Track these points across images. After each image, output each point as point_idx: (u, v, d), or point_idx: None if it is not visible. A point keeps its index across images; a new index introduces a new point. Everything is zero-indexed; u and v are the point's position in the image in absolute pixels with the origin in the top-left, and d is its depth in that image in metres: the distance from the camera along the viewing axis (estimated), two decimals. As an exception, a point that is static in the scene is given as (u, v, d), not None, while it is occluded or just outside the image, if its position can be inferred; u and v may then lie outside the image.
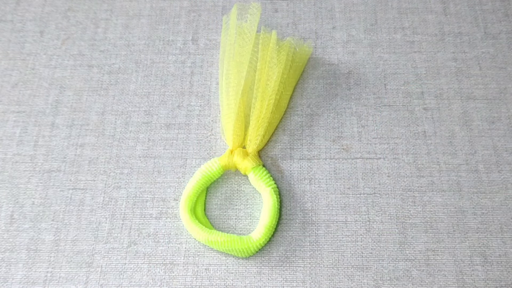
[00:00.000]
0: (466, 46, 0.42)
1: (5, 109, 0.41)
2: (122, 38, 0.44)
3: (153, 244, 0.35)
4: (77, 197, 0.37)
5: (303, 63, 0.41)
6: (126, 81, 0.42)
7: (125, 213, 0.36)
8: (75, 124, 0.40)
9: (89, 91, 0.41)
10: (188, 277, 0.34)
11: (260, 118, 0.37)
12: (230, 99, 0.38)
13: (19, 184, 0.38)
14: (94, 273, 0.34)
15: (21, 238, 0.36)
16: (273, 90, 0.38)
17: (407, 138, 0.39)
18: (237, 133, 0.37)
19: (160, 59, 0.43)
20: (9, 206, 0.37)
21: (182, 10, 0.45)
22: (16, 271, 0.35)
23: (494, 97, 0.40)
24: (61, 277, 0.34)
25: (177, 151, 0.39)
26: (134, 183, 0.37)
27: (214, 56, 0.43)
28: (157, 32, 0.44)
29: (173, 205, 0.37)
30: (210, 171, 0.36)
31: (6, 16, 0.45)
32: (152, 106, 0.40)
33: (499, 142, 0.38)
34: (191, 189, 0.36)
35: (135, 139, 0.39)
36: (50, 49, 0.43)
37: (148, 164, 0.38)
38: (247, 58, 0.38)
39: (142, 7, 0.45)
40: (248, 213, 0.36)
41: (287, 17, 0.44)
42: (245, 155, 0.36)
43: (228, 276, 0.34)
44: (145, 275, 0.34)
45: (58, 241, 0.35)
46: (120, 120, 0.40)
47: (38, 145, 0.39)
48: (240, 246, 0.34)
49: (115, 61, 0.43)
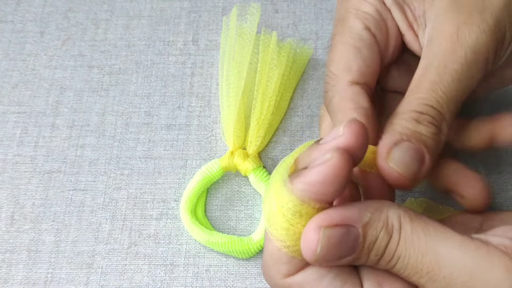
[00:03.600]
0: (466, 47, 0.42)
1: (5, 109, 0.41)
2: (122, 38, 0.44)
3: (153, 245, 0.35)
4: (78, 198, 0.37)
5: (304, 64, 0.41)
6: (127, 82, 0.42)
7: (126, 214, 0.36)
8: (75, 125, 0.40)
9: (89, 92, 0.41)
10: (189, 278, 0.34)
11: (261, 119, 0.37)
12: (230, 100, 0.38)
13: (20, 185, 0.38)
14: (94, 274, 0.34)
15: (21, 239, 0.36)
16: (274, 91, 0.38)
17: (407, 139, 0.39)
18: (238, 134, 0.37)
19: (160, 60, 0.43)
20: (10, 207, 0.37)
21: (182, 11, 0.45)
22: (17, 272, 0.35)
23: (494, 98, 0.40)
24: (61, 278, 0.34)
25: (178, 152, 0.39)
26: (134, 184, 0.37)
27: (215, 57, 0.43)
28: (158, 33, 0.44)
29: (173, 206, 0.37)
30: (210, 172, 0.36)
31: (6, 17, 0.45)
32: (152, 107, 0.40)
33: (499, 143, 0.38)
34: (192, 190, 0.36)
35: (136, 140, 0.39)
36: (50, 49, 0.43)
37: (148, 165, 0.38)
38: (247, 59, 0.38)
39: (143, 8, 0.45)
40: (249, 214, 0.36)
41: (288, 18, 0.44)
42: (245, 156, 0.36)
43: (229, 277, 0.34)
44: (145, 276, 0.34)
45: (59, 242, 0.35)
46: (120, 121, 0.40)
47: (39, 146, 0.39)
48: (240, 247, 0.34)
49: (116, 62, 0.43)
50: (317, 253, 0.21)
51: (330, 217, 0.22)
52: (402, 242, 0.22)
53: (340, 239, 0.21)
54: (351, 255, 0.22)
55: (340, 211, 0.22)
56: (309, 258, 0.22)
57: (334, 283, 0.23)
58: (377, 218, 0.22)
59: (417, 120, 0.26)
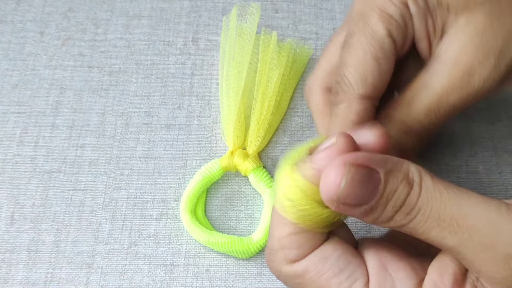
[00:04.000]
0: (466, 47, 0.42)
1: (5, 109, 0.41)
2: (122, 38, 0.44)
3: (153, 245, 0.35)
4: (78, 198, 0.37)
5: (304, 64, 0.41)
6: (127, 82, 0.42)
7: (126, 214, 0.36)
8: (75, 125, 0.40)
9: (89, 92, 0.41)
10: (189, 278, 0.34)
11: (261, 119, 0.37)
12: (230, 100, 0.38)
13: (20, 185, 0.38)
14: (94, 274, 0.34)
15: (21, 239, 0.36)
16: (274, 91, 0.38)
17: (407, 139, 0.39)
18: (238, 134, 0.37)
19: (160, 60, 0.43)
20: (10, 207, 0.37)
21: (182, 11, 0.45)
22: (17, 272, 0.35)
23: (494, 98, 0.40)
24: (61, 278, 0.34)
25: (178, 152, 0.39)
26: (134, 184, 0.37)
27: (215, 57, 0.43)
28: (158, 32, 0.44)
29: (173, 206, 0.37)
30: (210, 172, 0.36)
31: (6, 17, 0.45)
32: (152, 107, 0.40)
33: (499, 144, 0.38)
34: (192, 190, 0.36)
35: (136, 140, 0.39)
36: (50, 49, 0.43)
37: (148, 165, 0.38)
38: (247, 59, 0.38)
39: (143, 8, 0.45)
40: (249, 214, 0.36)
41: (288, 18, 0.44)
42: (245, 156, 0.36)
43: (229, 277, 0.34)
44: (145, 276, 0.34)
45: (59, 242, 0.35)
46: (120, 121, 0.40)
47: (39, 146, 0.39)
48: (240, 247, 0.34)
49: (116, 62, 0.43)
50: (340, 188, 0.21)
51: (356, 156, 0.22)
52: (424, 194, 0.22)
53: (364, 179, 0.21)
54: (369, 203, 0.22)
55: (365, 154, 0.22)
56: (330, 194, 0.22)
57: (338, 263, 0.23)
58: (398, 169, 0.22)
59: (406, 133, 0.28)
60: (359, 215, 0.23)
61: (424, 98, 0.28)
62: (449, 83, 0.28)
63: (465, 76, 0.28)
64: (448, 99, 0.28)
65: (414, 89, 0.29)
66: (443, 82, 0.28)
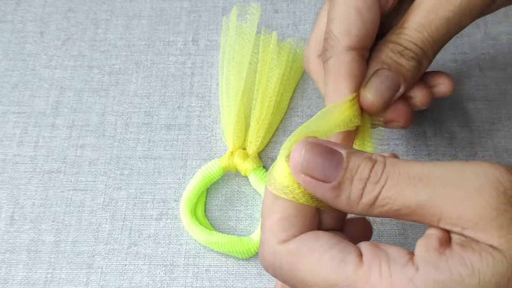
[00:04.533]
0: (466, 47, 0.42)
1: (5, 110, 0.41)
2: (122, 38, 0.44)
3: (153, 245, 0.35)
4: (78, 198, 0.37)
5: (304, 64, 0.41)
6: (127, 82, 0.42)
7: (126, 214, 0.36)
8: (75, 125, 0.40)
9: (89, 92, 0.41)
10: (189, 278, 0.34)
11: (261, 119, 0.37)
12: (230, 100, 0.38)
13: (20, 185, 0.38)
14: (94, 274, 0.34)
15: (21, 239, 0.36)
16: (274, 91, 0.38)
17: (407, 139, 0.39)
18: (238, 134, 0.37)
19: (160, 60, 0.43)
20: (10, 207, 0.37)
21: (182, 11, 0.45)
22: (17, 272, 0.35)
23: (494, 98, 0.40)
24: (61, 278, 0.34)
25: (178, 152, 0.39)
26: (134, 184, 0.37)
27: (215, 57, 0.43)
28: (158, 32, 0.44)
29: (173, 206, 0.37)
30: (210, 172, 0.36)
31: (6, 17, 0.45)
32: (152, 107, 0.40)
33: (500, 144, 0.38)
34: (192, 190, 0.36)
35: (136, 140, 0.39)
36: (50, 49, 0.43)
37: (148, 165, 0.38)
38: (247, 59, 0.38)
39: (143, 8, 0.45)
40: (249, 214, 0.36)
41: (288, 18, 0.44)
42: (245, 156, 0.36)
43: (229, 277, 0.34)
44: (145, 276, 0.34)
45: (59, 242, 0.35)
46: (120, 121, 0.40)
47: (39, 146, 0.39)
48: (240, 247, 0.34)
49: (116, 62, 0.43)
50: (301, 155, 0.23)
51: (317, 140, 0.24)
52: (388, 164, 0.23)
53: (322, 151, 0.23)
54: (335, 178, 0.23)
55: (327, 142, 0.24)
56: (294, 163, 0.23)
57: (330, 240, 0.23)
58: (360, 152, 0.24)
59: (401, 53, 0.29)
60: (330, 196, 0.23)
61: (414, 17, 0.29)
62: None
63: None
64: (438, 12, 0.28)
65: (407, 13, 0.30)
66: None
